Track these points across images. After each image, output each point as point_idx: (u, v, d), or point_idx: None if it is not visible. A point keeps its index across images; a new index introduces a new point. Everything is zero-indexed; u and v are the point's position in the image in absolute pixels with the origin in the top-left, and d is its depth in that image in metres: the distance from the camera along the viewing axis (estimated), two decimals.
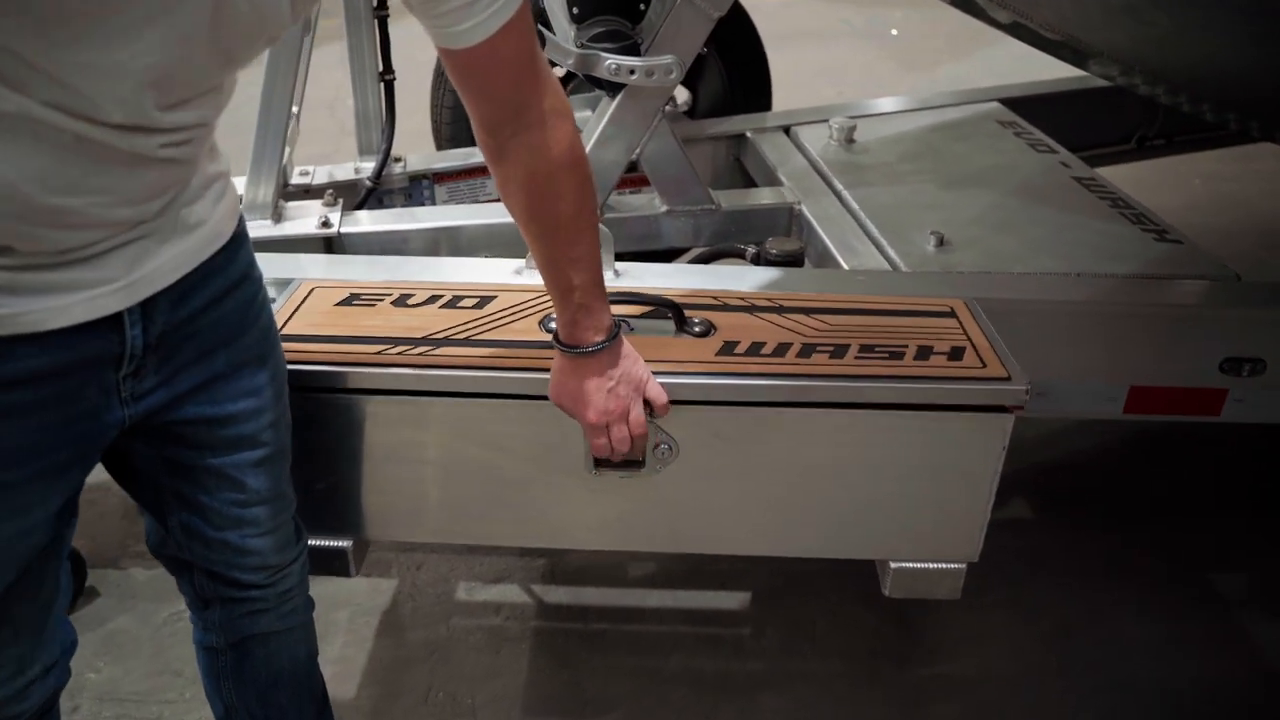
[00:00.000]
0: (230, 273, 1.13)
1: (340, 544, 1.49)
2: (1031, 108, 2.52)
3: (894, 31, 5.42)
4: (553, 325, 1.28)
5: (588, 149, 1.35)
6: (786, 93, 4.83)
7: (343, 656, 1.97)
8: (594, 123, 1.86)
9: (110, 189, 0.93)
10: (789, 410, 1.34)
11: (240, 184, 1.89)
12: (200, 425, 1.15)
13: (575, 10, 1.73)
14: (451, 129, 2.36)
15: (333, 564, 1.51)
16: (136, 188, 0.96)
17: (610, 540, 1.50)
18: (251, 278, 1.18)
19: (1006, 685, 1.91)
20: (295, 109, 2.10)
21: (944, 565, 1.46)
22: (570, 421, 1.33)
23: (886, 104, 2.50)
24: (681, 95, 2.68)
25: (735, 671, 1.92)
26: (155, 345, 1.05)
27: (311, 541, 1.47)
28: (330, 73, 2.96)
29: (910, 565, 1.46)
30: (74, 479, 1.06)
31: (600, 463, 1.38)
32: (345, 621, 2.04)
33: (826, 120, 2.30)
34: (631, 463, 1.38)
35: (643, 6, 1.74)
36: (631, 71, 1.69)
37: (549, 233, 1.20)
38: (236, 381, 1.16)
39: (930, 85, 4.79)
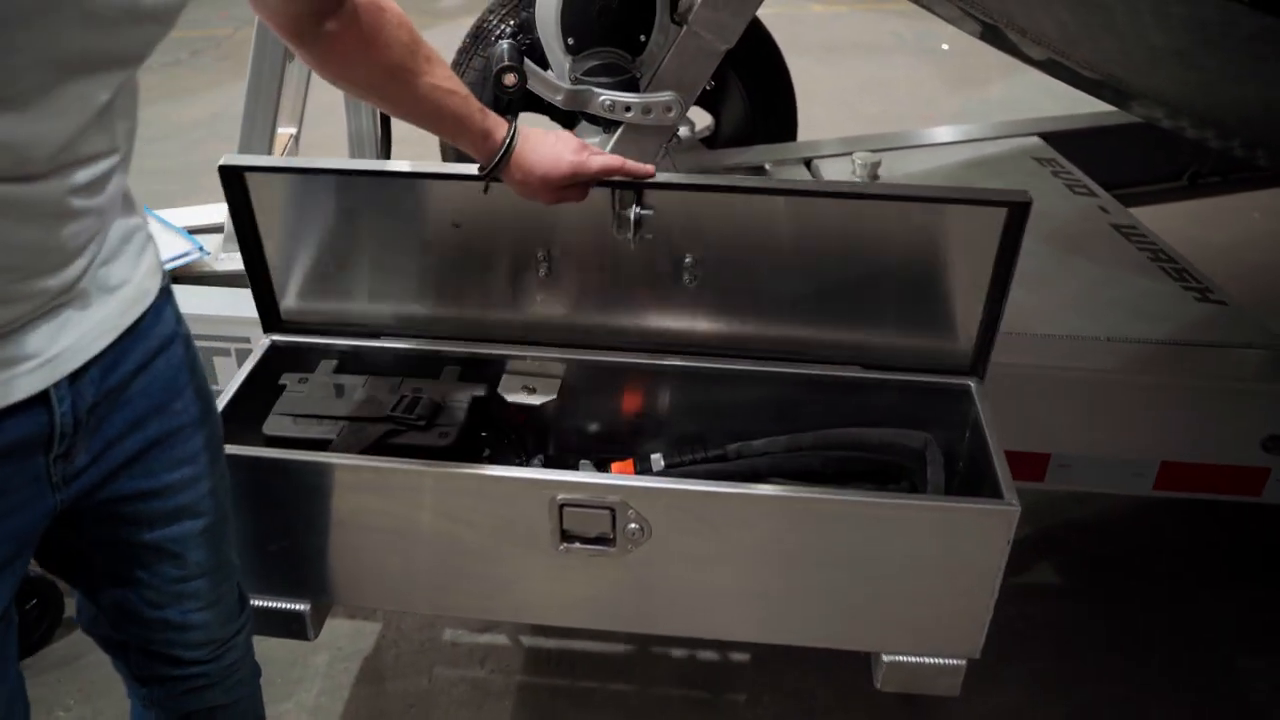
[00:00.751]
0: (158, 333, 1.05)
1: (298, 607, 1.40)
2: (1075, 142, 2.37)
3: (945, 46, 5.24)
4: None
5: None
6: (829, 109, 4.72)
7: (318, 706, 1.88)
8: None
9: (26, 253, 0.85)
10: (773, 496, 1.23)
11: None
12: (136, 500, 1.06)
13: (570, 41, 1.62)
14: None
15: (290, 627, 1.43)
16: (53, 248, 0.88)
17: (578, 618, 1.40)
18: (180, 336, 1.09)
19: None
20: (294, 130, 2.03)
21: (942, 660, 1.34)
22: (532, 497, 1.24)
23: (917, 136, 2.37)
24: (705, 120, 2.57)
25: None
26: (85, 420, 0.97)
27: (268, 603, 1.40)
28: None
29: (905, 659, 1.34)
30: (9, 581, 0.97)
31: (567, 537, 1.28)
32: (324, 667, 1.95)
33: (850, 154, 2.17)
34: (600, 540, 1.28)
35: (643, 38, 1.63)
36: (627, 108, 1.59)
37: (418, 68, 1.15)
38: (171, 450, 1.08)
39: (980, 104, 4.62)
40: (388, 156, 1.94)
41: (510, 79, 1.46)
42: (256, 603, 1.40)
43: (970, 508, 1.22)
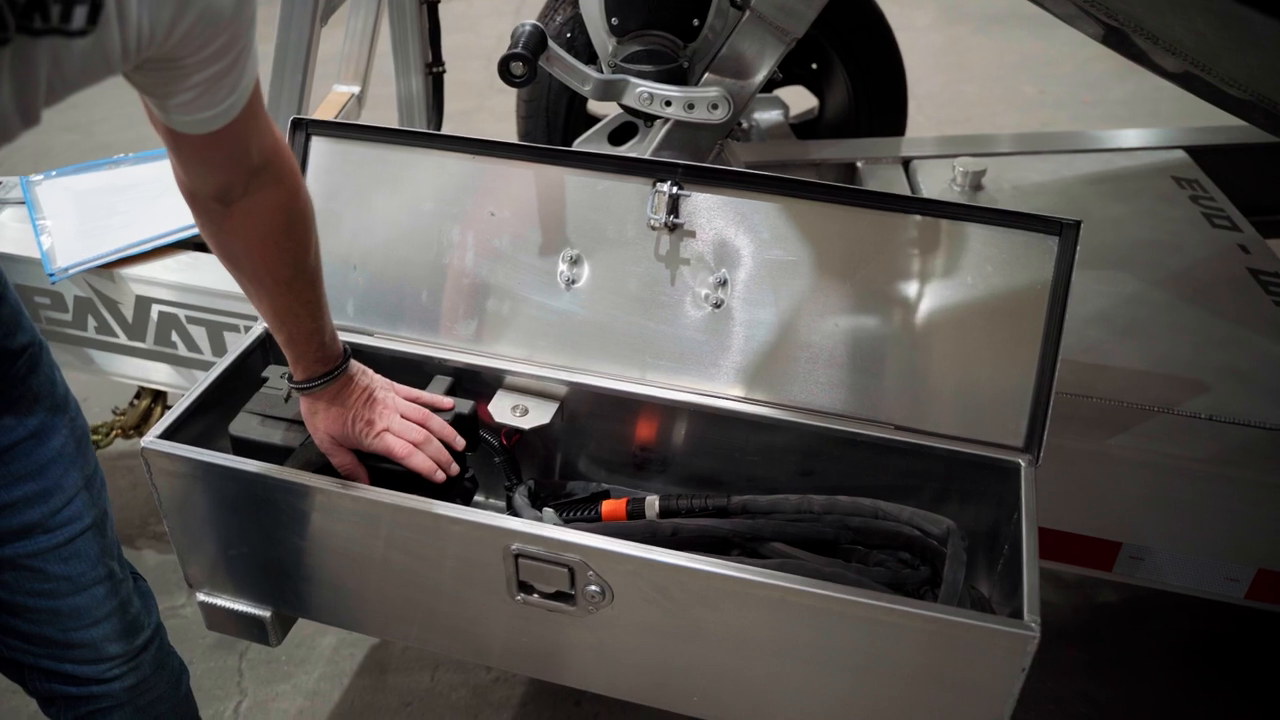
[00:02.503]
0: None
1: (259, 613, 1.33)
2: (1228, 158, 2.06)
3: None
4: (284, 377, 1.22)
5: None
6: (983, 85, 4.35)
7: (316, 691, 1.83)
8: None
9: None
10: (740, 579, 1.06)
11: None
12: None
13: (615, 21, 1.44)
14: (526, 123, 2.13)
15: (252, 630, 1.35)
16: None
17: (538, 670, 1.27)
18: (9, 353, 1.00)
19: None
20: (356, 89, 1.93)
21: None
22: (487, 543, 1.11)
23: (1039, 141, 2.09)
24: (810, 102, 2.35)
25: None
26: None
27: (232, 605, 1.33)
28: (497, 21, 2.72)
29: None
30: None
31: (524, 587, 1.15)
32: (328, 651, 1.90)
33: (955, 156, 1.93)
34: (560, 596, 1.14)
35: (697, 22, 1.44)
36: (667, 103, 1.41)
37: (289, 282, 1.09)
38: (5, 470, 1.01)
39: (1151, 95, 4.17)
40: (439, 128, 1.81)
41: (518, 68, 1.30)
42: (221, 603, 1.33)
43: (980, 626, 1.02)
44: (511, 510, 1.32)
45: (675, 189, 1.28)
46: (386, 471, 1.22)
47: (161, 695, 1.21)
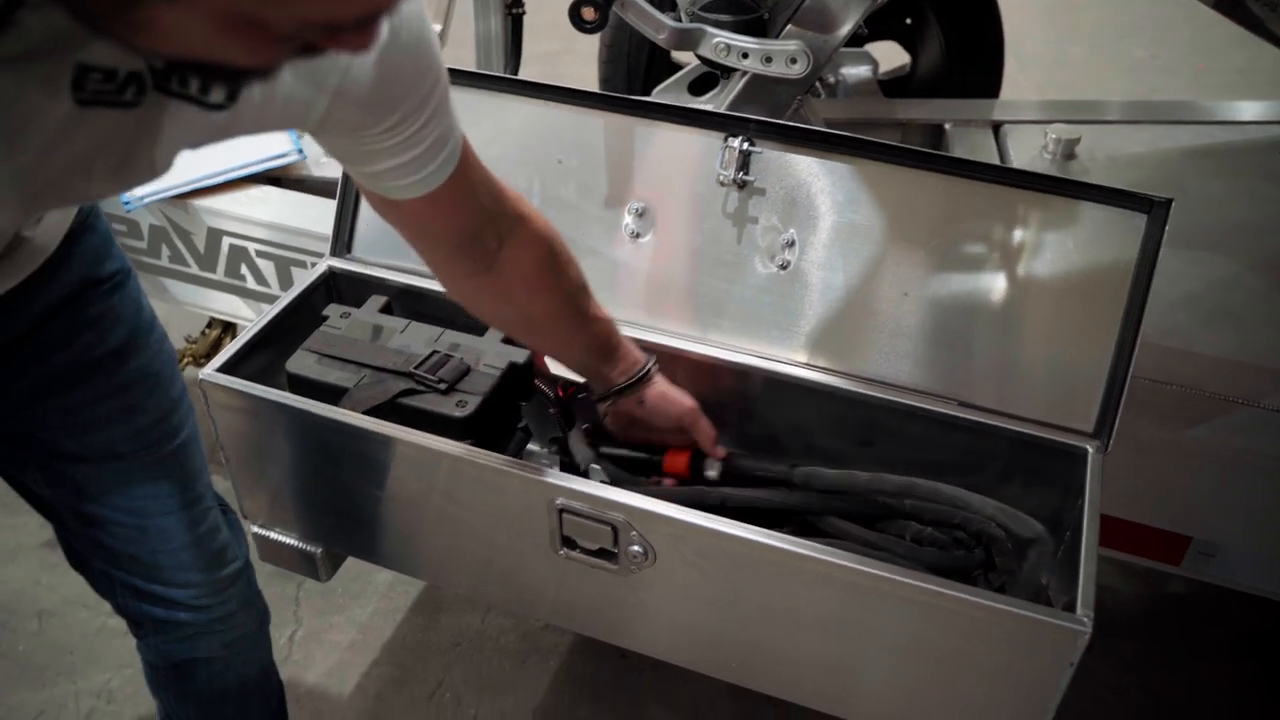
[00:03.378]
0: (66, 279, 0.98)
1: (311, 549, 1.35)
2: None
3: None
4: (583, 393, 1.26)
5: None
6: (1089, 48, 4.16)
7: (368, 625, 1.87)
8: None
9: None
10: (783, 549, 1.04)
11: None
12: (58, 433, 1.02)
13: None
14: (607, 69, 2.10)
15: (304, 565, 1.37)
16: None
17: (576, 624, 1.27)
18: (96, 280, 1.01)
19: None
20: (438, 27, 1.91)
21: None
22: (532, 496, 1.11)
23: (1141, 110, 1.98)
24: (902, 58, 2.27)
25: None
26: None
27: (285, 539, 1.35)
28: None
29: None
30: None
31: (567, 542, 1.14)
32: (383, 587, 1.93)
33: (1049, 122, 1.84)
34: (602, 554, 1.13)
35: None
36: (744, 54, 1.36)
37: (574, 301, 1.12)
38: (88, 386, 1.02)
39: (1273, 62, 3.94)
40: (516, 70, 1.79)
41: (589, 13, 1.27)
42: (274, 536, 1.35)
43: (1030, 618, 0.99)
44: (565, 453, 1.31)
45: (747, 145, 1.25)
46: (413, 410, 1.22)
47: (246, 634, 1.24)
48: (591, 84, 2.34)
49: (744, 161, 1.26)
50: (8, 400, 0.98)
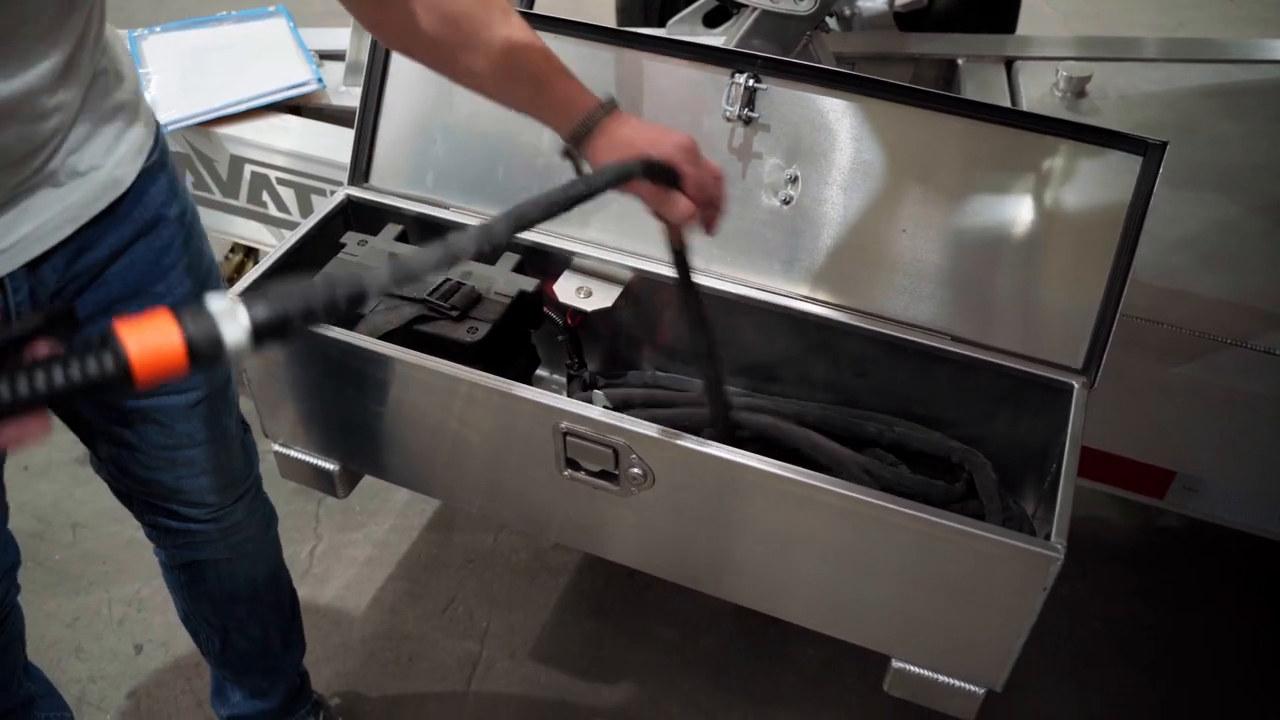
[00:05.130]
0: (138, 216, 1.02)
1: (327, 466, 1.41)
2: None
3: None
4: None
5: None
6: None
7: (385, 542, 1.95)
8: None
9: None
10: (775, 474, 1.09)
11: None
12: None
13: None
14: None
15: (321, 482, 1.44)
16: (13, 145, 0.84)
17: (582, 543, 1.33)
18: (168, 217, 1.05)
19: None
20: None
21: (957, 683, 1.19)
22: (537, 419, 1.16)
23: (1156, 48, 1.98)
24: None
25: (760, 675, 1.74)
26: (47, 305, 0.96)
27: (303, 456, 1.42)
28: None
29: (916, 670, 1.20)
30: None
31: (571, 464, 1.20)
32: (400, 505, 2.01)
33: (1061, 59, 1.84)
34: (604, 475, 1.19)
35: None
36: None
37: (477, 19, 0.99)
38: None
39: None
40: (531, 4, 1.80)
41: None
42: (293, 454, 1.42)
43: (1007, 544, 1.04)
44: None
45: (752, 82, 1.27)
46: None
47: (251, 536, 1.32)
48: (608, 14, 2.35)
49: (749, 98, 1.28)
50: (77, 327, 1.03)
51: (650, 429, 1.13)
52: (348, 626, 1.81)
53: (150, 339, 0.51)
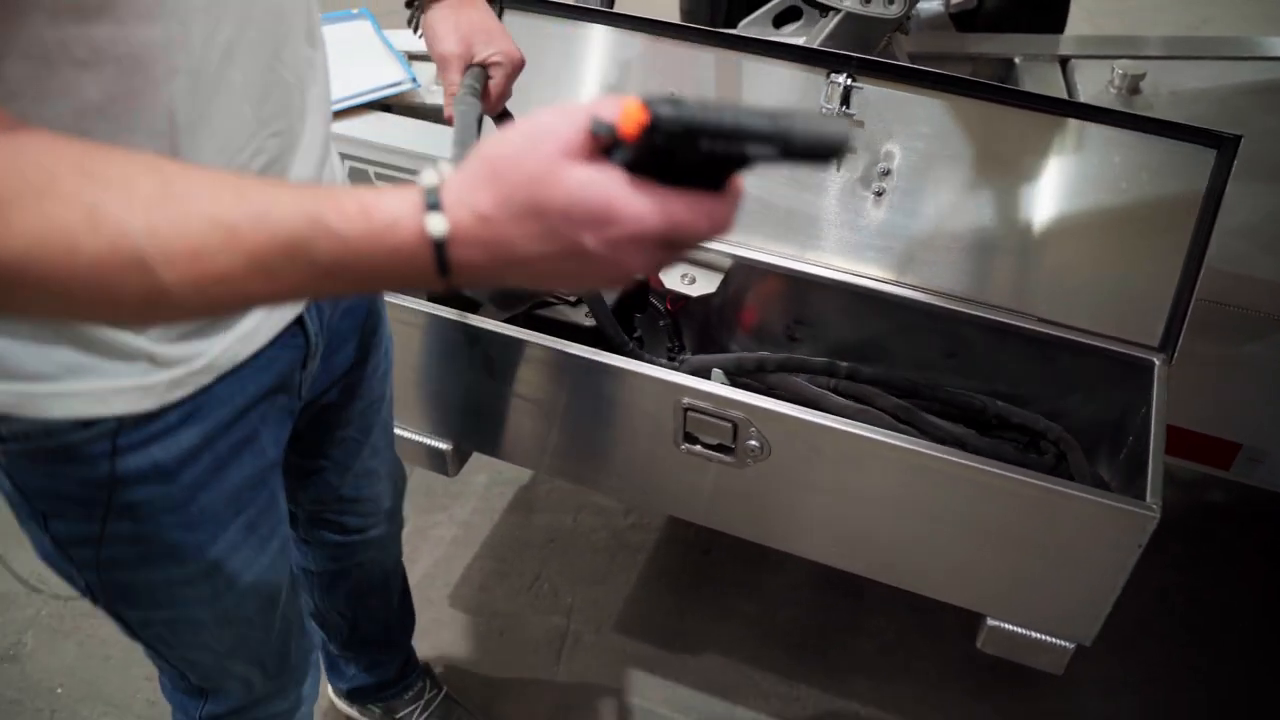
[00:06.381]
0: None
1: (441, 446, 1.49)
2: None
3: None
4: None
5: None
6: None
7: (469, 522, 2.04)
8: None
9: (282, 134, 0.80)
10: (893, 445, 1.18)
11: None
12: (349, 396, 1.10)
13: None
14: (690, 1, 2.19)
15: (433, 461, 1.52)
16: (296, 120, 0.82)
17: (692, 514, 1.42)
18: None
19: None
20: None
21: (1049, 638, 1.28)
22: (660, 396, 1.25)
23: (1202, 46, 2.07)
24: None
25: (838, 646, 1.83)
26: (325, 332, 0.97)
27: (417, 437, 1.50)
28: None
29: (1009, 628, 1.29)
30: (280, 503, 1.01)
31: (689, 439, 1.29)
32: (481, 488, 2.10)
33: (1115, 57, 1.93)
34: (721, 448, 1.28)
35: None
36: None
37: None
38: (376, 334, 1.12)
39: None
40: (611, 4, 1.89)
41: None
42: (407, 434, 1.50)
43: (1106, 504, 1.13)
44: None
45: (849, 81, 1.36)
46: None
47: (395, 533, 1.39)
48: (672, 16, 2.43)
49: (846, 96, 1.37)
50: (331, 362, 1.03)
51: (769, 403, 1.22)
52: (440, 603, 1.89)
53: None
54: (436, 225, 0.52)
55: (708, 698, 1.75)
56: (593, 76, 1.50)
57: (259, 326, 0.84)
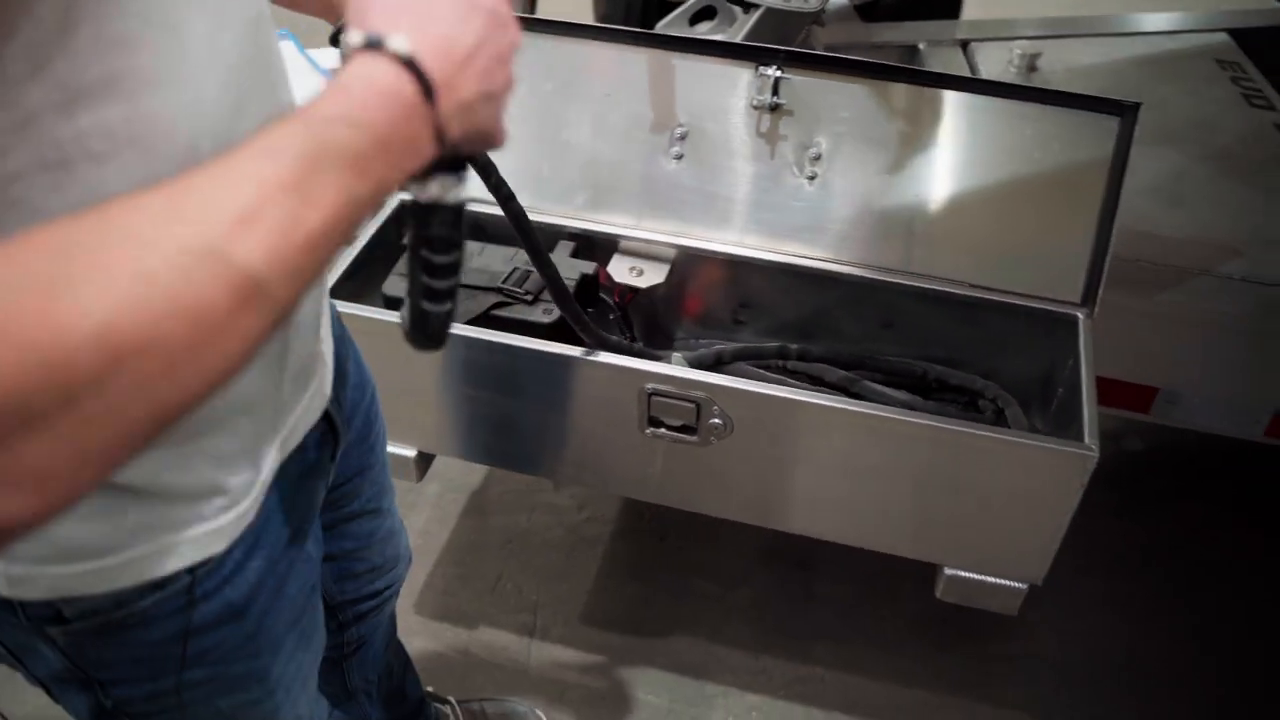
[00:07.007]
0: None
1: (405, 452, 1.52)
2: (1268, 39, 2.17)
3: None
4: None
5: None
6: None
7: (426, 531, 2.06)
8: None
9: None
10: (853, 411, 1.25)
11: None
12: (358, 468, 1.09)
13: None
14: (604, 6, 2.25)
15: (397, 470, 1.54)
16: None
17: (659, 496, 1.47)
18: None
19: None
20: None
21: (1003, 581, 1.37)
22: (624, 384, 1.30)
23: (1091, 24, 2.21)
24: None
25: (796, 615, 1.90)
26: (343, 409, 0.96)
27: None
28: None
29: (965, 574, 1.38)
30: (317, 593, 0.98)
31: (653, 423, 1.34)
32: (434, 496, 2.12)
33: (1012, 39, 2.05)
34: (685, 429, 1.34)
35: None
36: None
37: None
38: (375, 403, 1.11)
39: None
40: (533, 9, 1.94)
41: None
42: None
43: (1048, 448, 1.22)
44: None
45: (778, 72, 1.43)
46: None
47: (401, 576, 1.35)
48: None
49: (775, 87, 1.44)
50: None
51: (730, 380, 1.28)
52: (406, 613, 1.90)
53: None
54: (398, 43, 0.55)
55: (678, 678, 1.80)
56: (525, 84, 1.53)
57: (297, 424, 0.84)
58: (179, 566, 0.74)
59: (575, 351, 1.32)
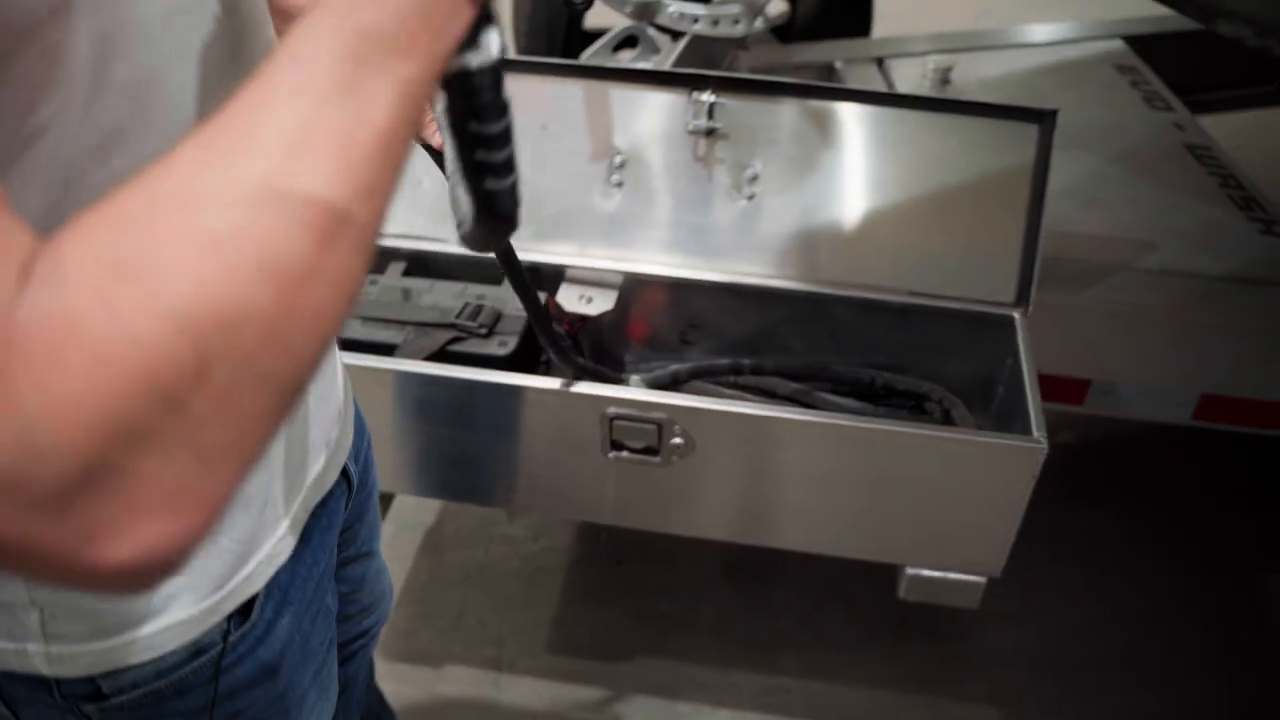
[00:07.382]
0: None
1: None
2: (1161, 45, 2.29)
3: None
4: None
5: None
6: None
7: None
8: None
9: None
10: (812, 422, 1.29)
11: None
12: (358, 514, 1.05)
13: None
14: (529, 40, 2.28)
15: None
16: None
17: (625, 519, 1.49)
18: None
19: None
20: None
21: (963, 576, 1.42)
22: (585, 410, 1.32)
23: (995, 36, 2.31)
24: (780, 8, 2.52)
25: (759, 627, 1.93)
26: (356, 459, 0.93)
27: None
28: None
29: (926, 573, 1.42)
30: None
31: (615, 446, 1.36)
32: (389, 536, 2.08)
33: (925, 54, 2.14)
34: (647, 451, 1.36)
35: None
36: (695, 20, 1.59)
37: None
38: (370, 443, 1.06)
39: None
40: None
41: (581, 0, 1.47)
42: None
43: (999, 443, 1.27)
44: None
45: (713, 97, 1.47)
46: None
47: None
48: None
49: (710, 111, 1.48)
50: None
51: (691, 400, 1.31)
52: None
53: None
54: None
55: (648, 699, 1.82)
56: None
57: (324, 472, 0.83)
58: (217, 619, 0.72)
59: (534, 382, 1.33)
